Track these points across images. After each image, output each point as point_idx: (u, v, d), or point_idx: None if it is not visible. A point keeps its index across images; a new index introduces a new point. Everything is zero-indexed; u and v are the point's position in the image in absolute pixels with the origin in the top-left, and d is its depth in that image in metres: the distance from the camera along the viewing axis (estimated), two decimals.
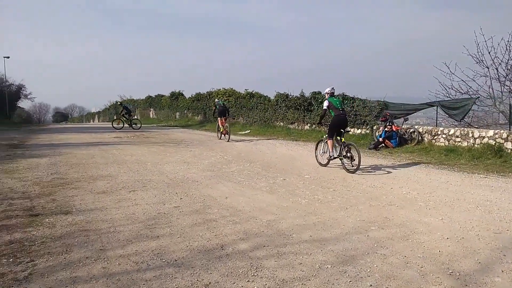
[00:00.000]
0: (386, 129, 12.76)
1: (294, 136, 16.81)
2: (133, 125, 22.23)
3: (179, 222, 4.74)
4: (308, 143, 14.33)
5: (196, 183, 7.18)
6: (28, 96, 54.31)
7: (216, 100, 17.65)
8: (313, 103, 17.52)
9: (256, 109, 21.75)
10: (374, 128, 14.39)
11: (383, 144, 12.69)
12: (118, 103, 22.22)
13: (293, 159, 10.26)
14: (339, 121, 8.53)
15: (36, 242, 4.04)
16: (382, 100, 14.59)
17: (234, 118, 24.09)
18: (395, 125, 13.04)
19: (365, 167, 8.86)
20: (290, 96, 19.23)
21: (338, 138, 8.65)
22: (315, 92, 17.71)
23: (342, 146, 8.46)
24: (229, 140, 15.21)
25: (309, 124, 17.85)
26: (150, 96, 38.98)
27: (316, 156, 9.56)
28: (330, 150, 8.65)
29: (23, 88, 51.09)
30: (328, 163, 8.98)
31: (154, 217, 4.95)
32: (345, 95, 15.83)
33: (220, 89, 26.22)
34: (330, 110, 8.68)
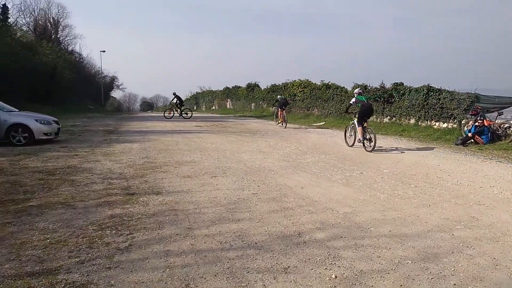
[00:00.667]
0: (476, 123, 11.73)
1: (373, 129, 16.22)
2: (183, 115, 23.19)
3: (257, 208, 4.95)
4: (387, 137, 13.77)
5: (272, 172, 7.37)
6: (120, 87, 59.92)
7: (278, 96, 21.00)
8: (394, 94, 16.71)
9: (332, 100, 21.38)
10: (462, 122, 13.31)
11: (472, 140, 11.69)
12: (173, 93, 23.51)
13: (371, 153, 9.97)
14: (365, 110, 10.45)
15: (133, 218, 4.54)
16: (473, 92, 13.41)
17: (309, 110, 23.97)
18: (487, 119, 11.92)
19: (449, 162, 8.31)
20: (369, 87, 18.57)
21: (364, 125, 10.36)
22: (396, 83, 16.86)
23: (365, 131, 10.17)
24: (286, 127, 17.40)
25: (388, 117, 17.09)
26: (228, 88, 40.27)
27: (345, 138, 11.38)
28: (360, 135, 10.26)
29: (116, 80, 56.45)
30: (354, 144, 10.79)
31: (235, 202, 5.24)
32: (431, 87, 14.84)
33: (295, 80, 26.21)
34: (358, 104, 10.68)
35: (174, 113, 23.33)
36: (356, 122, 10.58)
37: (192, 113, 24.47)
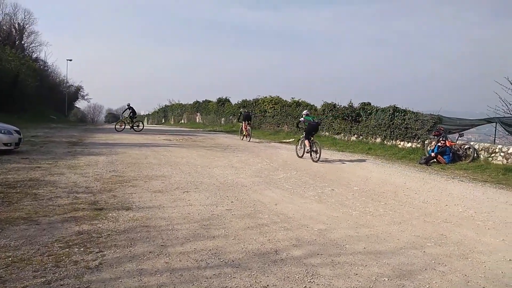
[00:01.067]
0: (439, 144, 12.29)
1: (340, 147, 16.62)
2: (134, 127, 22.39)
3: (232, 225, 4.88)
4: (355, 154, 14.11)
5: (245, 188, 7.33)
6: (85, 97, 58.17)
7: (241, 109, 21.89)
8: (362, 114, 17.25)
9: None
10: (426, 142, 13.91)
11: (435, 160, 12.23)
12: (127, 104, 22.98)
13: (340, 170, 10.16)
14: (311, 128, 12.37)
15: (103, 234, 4.34)
16: (436, 114, 14.08)
17: (279, 126, 24.24)
18: (449, 140, 12.52)
19: (415, 181, 8.61)
20: (338, 106, 19.08)
21: (311, 138, 12.19)
22: (364, 103, 17.45)
23: (312, 144, 11.99)
24: (250, 140, 18.11)
25: (356, 135, 17.57)
26: (198, 101, 40.05)
27: (296, 150, 13.06)
28: (308, 147, 12.10)
29: (81, 89, 54.80)
30: (303, 155, 12.43)
31: (209, 218, 5.14)
32: (396, 107, 15.46)
33: (266, 97, 26.50)
34: (305, 123, 12.66)
35: (125, 126, 22.37)
36: (304, 137, 12.47)
37: (143, 126, 23.83)
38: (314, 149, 11.87)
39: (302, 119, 13.02)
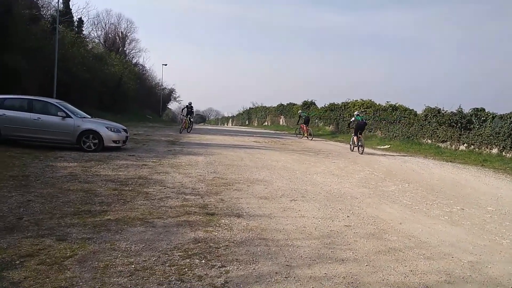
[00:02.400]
0: None
1: (447, 157, 14.88)
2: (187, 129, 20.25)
3: (359, 246, 4.24)
4: (468, 167, 12.43)
5: (356, 200, 6.61)
6: (177, 99, 61.84)
7: (300, 111, 24.54)
8: (474, 120, 15.26)
9: (399, 123, 20.11)
10: None
11: None
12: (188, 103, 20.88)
13: (459, 185, 8.86)
14: (359, 127, 14.71)
15: (221, 245, 4.02)
16: None
17: (371, 132, 22.80)
18: None
19: None
20: (443, 111, 17.22)
21: (359, 135, 14.61)
22: (476, 108, 15.45)
23: (359, 140, 14.52)
24: (312, 139, 20.31)
25: (465, 144, 15.61)
26: (282, 104, 39.84)
27: (350, 145, 15.64)
28: (355, 141, 14.72)
29: (173, 92, 58.36)
30: (353, 149, 15.11)
31: (328, 235, 4.57)
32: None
33: (357, 100, 25.18)
34: (355, 122, 14.96)
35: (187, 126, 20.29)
36: (353, 134, 15.04)
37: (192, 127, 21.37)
38: (360, 144, 14.46)
39: (353, 118, 15.54)
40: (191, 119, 20.88)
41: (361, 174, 9.53)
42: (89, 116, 11.44)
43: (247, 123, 50.75)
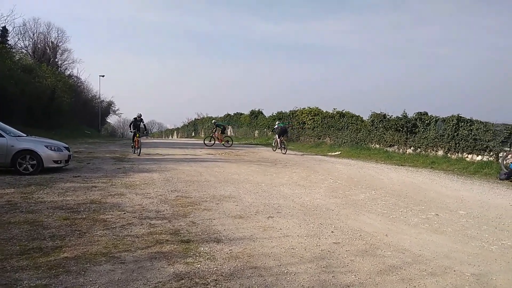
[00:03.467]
0: None
1: (397, 161, 15.40)
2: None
3: (357, 266, 3.90)
4: (420, 170, 12.88)
5: (332, 212, 6.35)
6: (116, 112, 58.88)
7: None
8: (418, 124, 16.01)
9: (347, 129, 20.62)
10: (500, 155, 12.55)
11: None
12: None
13: (421, 189, 9.02)
14: (281, 131, 18.84)
15: (209, 280, 3.46)
16: (511, 123, 12.72)
17: (320, 139, 23.17)
18: None
19: None
20: (388, 116, 17.90)
21: (282, 138, 18.65)
22: (420, 112, 16.23)
23: (281, 142, 18.59)
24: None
25: (412, 148, 16.30)
26: (229, 114, 39.50)
27: (272, 147, 20.27)
28: (278, 143, 18.92)
29: (112, 105, 55.49)
30: (276, 150, 19.26)
31: (321, 256, 4.18)
32: (461, 117, 14.17)
33: (304, 108, 25.52)
34: (278, 128, 19.25)
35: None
36: (277, 137, 19.17)
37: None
38: (283, 145, 18.51)
39: (276, 126, 19.99)
40: (139, 135, 16.18)
41: (326, 183, 9.37)
42: (25, 135, 10.14)
43: (193, 134, 49.59)
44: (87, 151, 17.01)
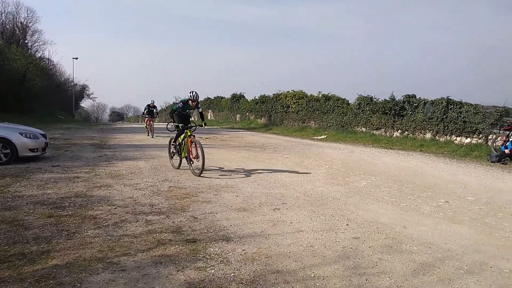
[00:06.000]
0: None
1: (385, 144, 15.28)
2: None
3: (388, 266, 3.53)
4: (411, 153, 12.76)
5: (339, 201, 5.98)
6: (91, 96, 56.66)
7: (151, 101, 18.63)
8: (406, 107, 15.86)
9: (332, 112, 20.35)
10: (490, 137, 12.54)
11: (509, 157, 10.87)
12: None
13: (418, 173, 8.81)
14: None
15: None
16: (501, 106, 12.69)
17: (304, 122, 22.84)
18: None
19: None
20: (375, 99, 17.70)
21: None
22: (408, 95, 16.06)
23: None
24: (153, 136, 16.65)
25: (400, 131, 16.19)
26: (209, 98, 38.58)
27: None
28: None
29: (86, 88, 53.31)
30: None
31: (345, 255, 3.79)
32: (450, 99, 14.07)
33: (289, 91, 25.05)
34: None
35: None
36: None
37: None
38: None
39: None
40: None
41: (322, 169, 9.02)
42: None
43: (171, 119, 48.38)
44: (63, 137, 16.05)
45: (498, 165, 10.52)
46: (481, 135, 12.92)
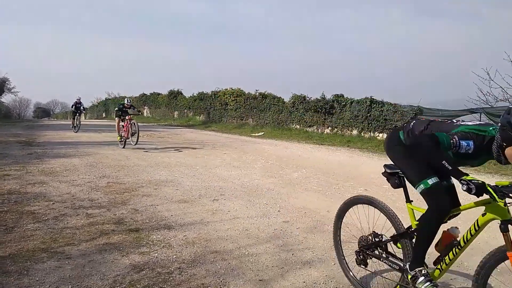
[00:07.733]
0: None
1: (316, 140, 16.30)
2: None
3: (312, 243, 4.10)
4: (339, 148, 13.85)
5: (273, 192, 6.52)
6: (12, 90, 52.00)
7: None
8: (336, 106, 17.07)
9: (269, 110, 21.13)
10: None
11: None
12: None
13: (344, 166, 9.71)
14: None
15: (172, 269, 3.33)
16: (416, 105, 14.26)
17: (242, 120, 23.41)
18: None
19: None
20: (308, 99, 18.76)
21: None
22: (337, 95, 17.29)
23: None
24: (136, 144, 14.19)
25: (330, 128, 17.38)
26: (145, 94, 37.67)
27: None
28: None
29: (7, 82, 48.86)
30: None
31: (275, 235, 4.30)
32: (373, 99, 15.45)
33: (227, 89, 25.44)
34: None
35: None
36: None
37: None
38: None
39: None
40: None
41: (259, 164, 9.56)
42: None
43: (104, 115, 46.32)
44: None
45: None
46: None
